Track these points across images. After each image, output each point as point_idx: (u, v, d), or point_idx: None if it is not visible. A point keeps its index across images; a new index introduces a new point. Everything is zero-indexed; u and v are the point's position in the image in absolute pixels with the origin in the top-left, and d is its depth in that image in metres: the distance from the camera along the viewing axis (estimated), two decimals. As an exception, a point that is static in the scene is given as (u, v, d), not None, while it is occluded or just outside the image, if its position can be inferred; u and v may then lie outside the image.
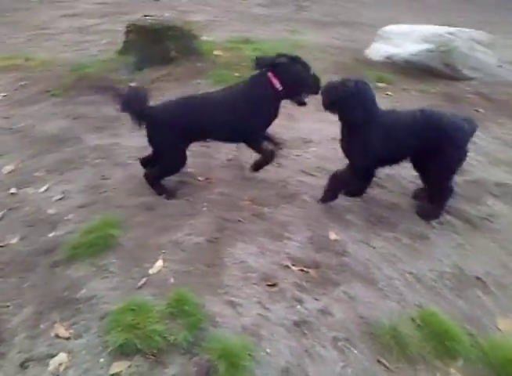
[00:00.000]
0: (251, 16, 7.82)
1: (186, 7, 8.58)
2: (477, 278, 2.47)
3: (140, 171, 3.20)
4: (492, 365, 1.96)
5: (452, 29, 5.30)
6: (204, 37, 5.85)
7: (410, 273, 2.47)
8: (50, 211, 2.88)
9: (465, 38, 5.16)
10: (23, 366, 1.93)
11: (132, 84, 4.74)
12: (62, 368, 1.92)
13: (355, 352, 2.04)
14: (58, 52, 6.30)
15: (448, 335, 2.05)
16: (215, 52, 5.33)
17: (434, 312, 2.16)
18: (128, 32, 5.34)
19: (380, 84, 4.96)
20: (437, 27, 5.46)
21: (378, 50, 5.48)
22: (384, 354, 2.02)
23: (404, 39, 5.37)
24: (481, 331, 2.14)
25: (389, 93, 4.82)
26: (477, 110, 4.52)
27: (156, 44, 5.17)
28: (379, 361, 1.99)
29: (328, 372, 1.94)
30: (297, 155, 3.54)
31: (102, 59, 5.62)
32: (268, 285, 2.35)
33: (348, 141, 2.84)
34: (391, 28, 5.69)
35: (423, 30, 5.36)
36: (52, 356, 1.96)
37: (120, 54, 5.46)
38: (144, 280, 2.36)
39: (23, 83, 5.05)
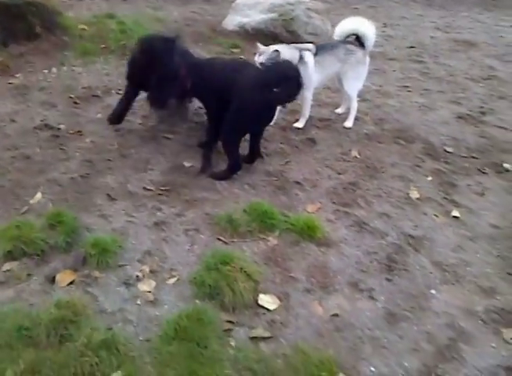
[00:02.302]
0: (116, -5, 8.13)
1: (50, -13, 8.56)
2: (297, 182, 3.27)
3: (11, 130, 3.60)
4: (297, 231, 2.74)
5: (291, 0, 6.16)
6: (69, 14, 6.10)
7: (247, 184, 3.20)
8: None
9: (303, 8, 6.05)
10: None
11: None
12: (-41, 274, 2.34)
13: (201, 236, 2.70)
14: None
15: (268, 216, 2.79)
16: (80, 27, 5.64)
17: (259, 203, 2.89)
18: (-12, 10, 5.42)
19: (234, 50, 5.69)
20: (279, -1, 6.31)
21: (232, 21, 6.19)
22: (222, 234, 2.71)
23: (253, 10, 6.13)
24: (294, 213, 2.92)
25: (242, 57, 5.53)
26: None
27: (19, 20, 5.32)
28: (218, 239, 2.67)
29: (180, 250, 2.58)
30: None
31: (-37, 38, 5.62)
32: (134, 201, 2.94)
33: None
34: (241, 1, 6.43)
35: (268, 2, 6.17)
36: (-51, 267, 2.37)
37: (-18, 32, 5.52)
38: (25, 208, 2.80)
39: None
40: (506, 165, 3.70)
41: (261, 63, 3.53)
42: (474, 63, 6.18)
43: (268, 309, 2.24)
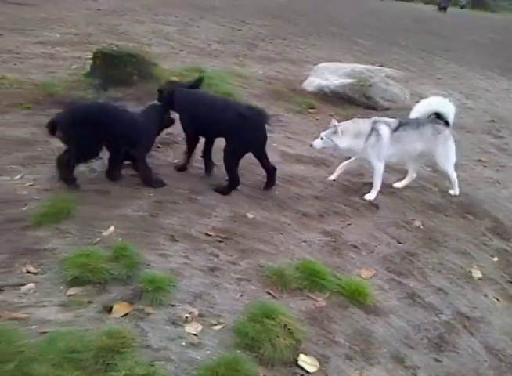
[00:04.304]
0: (208, 51, 8.80)
1: (151, 41, 9.46)
2: (354, 245, 3.28)
3: (98, 166, 3.94)
4: (347, 294, 2.74)
5: (371, 67, 6.36)
6: (164, 66, 6.70)
7: (304, 241, 3.27)
8: (23, 193, 3.52)
9: (382, 76, 6.21)
10: (0, 290, 2.57)
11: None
12: (31, 292, 2.57)
13: (252, 287, 2.78)
14: (30, 74, 6.92)
15: (319, 275, 2.82)
16: (172, 78, 6.16)
17: (312, 262, 2.93)
18: (95, 58, 6.10)
19: (310, 110, 5.90)
20: (359, 65, 6.54)
21: (312, 83, 6.46)
22: (272, 288, 2.76)
23: (333, 74, 6.38)
24: (346, 277, 2.92)
25: (317, 118, 5.74)
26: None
27: (120, 69, 5.94)
28: (268, 292, 2.73)
29: (229, 298, 2.66)
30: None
31: (71, 80, 6.34)
32: (193, 244, 3.09)
33: None
34: (323, 65, 6.73)
35: (348, 67, 6.41)
36: (23, 284, 2.61)
37: (87, 76, 6.20)
38: (98, 239, 3.04)
39: (-2, 97, 5.67)
40: None
41: (321, 138, 3.86)
42: (558, 144, 5.93)
43: (306, 371, 2.24)
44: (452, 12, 29.64)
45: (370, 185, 4.04)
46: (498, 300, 2.90)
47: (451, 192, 4.16)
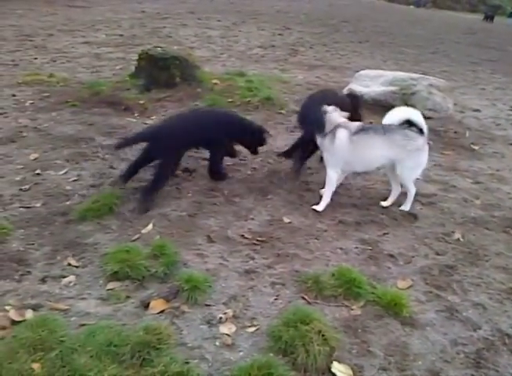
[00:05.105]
0: (249, 55, 8.87)
1: (193, 44, 9.63)
2: (391, 255, 3.22)
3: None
4: (382, 304, 2.70)
5: (414, 75, 6.25)
6: (206, 69, 6.80)
7: (340, 248, 3.24)
8: (67, 188, 3.65)
9: (425, 84, 6.09)
10: (43, 280, 2.66)
11: (141, 102, 5.64)
12: (71, 284, 2.66)
13: (287, 291, 2.77)
14: (77, 73, 7.19)
15: (355, 284, 2.78)
16: (213, 81, 6.25)
17: (348, 269, 2.90)
18: (140, 59, 6.26)
19: (350, 117, 5.85)
20: (402, 73, 6.43)
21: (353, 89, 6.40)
22: (307, 293, 2.75)
23: (374, 81, 6.30)
24: (382, 286, 2.87)
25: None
26: (428, 143, 5.33)
27: (163, 70, 6.08)
28: (302, 297, 2.72)
29: (264, 301, 2.67)
30: (268, 163, 4.36)
31: (116, 80, 6.53)
32: (230, 246, 3.12)
33: None
34: (365, 72, 6.66)
35: (390, 75, 6.32)
36: (65, 276, 2.70)
37: (132, 77, 6.37)
38: (137, 236, 3.12)
39: (46, 94, 5.89)
40: None
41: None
42: None
43: (339, 379, 2.22)
44: (499, 22, 28.87)
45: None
46: (541, 319, 2.79)
47: (402, 207, 3.81)
